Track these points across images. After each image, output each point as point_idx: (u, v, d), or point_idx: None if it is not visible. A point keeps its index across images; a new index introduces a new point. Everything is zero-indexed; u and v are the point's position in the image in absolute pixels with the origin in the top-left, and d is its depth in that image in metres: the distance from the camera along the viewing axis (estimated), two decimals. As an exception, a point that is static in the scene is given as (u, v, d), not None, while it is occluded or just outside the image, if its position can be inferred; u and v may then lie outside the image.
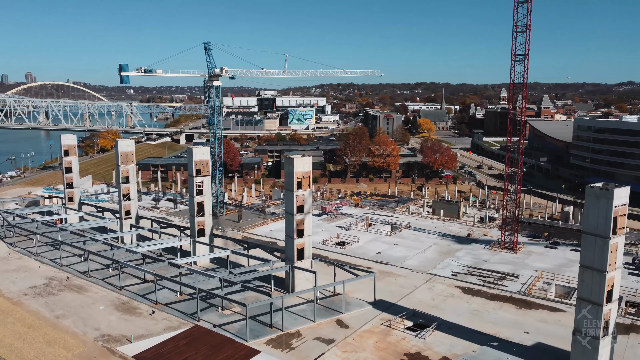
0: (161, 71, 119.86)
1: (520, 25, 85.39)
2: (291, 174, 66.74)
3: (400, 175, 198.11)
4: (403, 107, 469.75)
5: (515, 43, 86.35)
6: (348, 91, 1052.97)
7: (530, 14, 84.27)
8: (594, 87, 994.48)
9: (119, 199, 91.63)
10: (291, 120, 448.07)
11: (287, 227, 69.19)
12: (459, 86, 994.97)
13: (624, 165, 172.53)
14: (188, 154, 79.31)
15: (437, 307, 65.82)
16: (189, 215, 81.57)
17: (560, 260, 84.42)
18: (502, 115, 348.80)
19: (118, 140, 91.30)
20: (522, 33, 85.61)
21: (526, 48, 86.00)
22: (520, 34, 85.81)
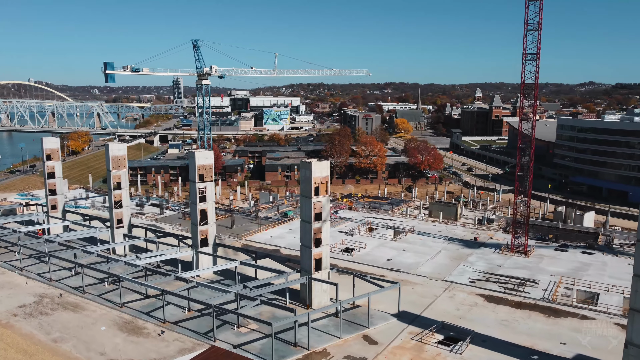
0: (148, 70, 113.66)
1: (531, 24, 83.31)
2: (309, 179, 62.41)
3: (386, 176, 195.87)
4: (378, 107, 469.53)
5: (526, 42, 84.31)
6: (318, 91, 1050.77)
7: (541, 12, 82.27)
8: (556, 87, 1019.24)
9: (110, 206, 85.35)
10: (266, 120, 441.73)
11: (303, 236, 64.84)
12: (427, 86, 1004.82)
13: (607, 165, 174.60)
14: (190, 158, 73.99)
15: (464, 317, 62.70)
16: (191, 224, 76.20)
17: (573, 263, 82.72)
18: (478, 115, 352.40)
19: (109, 144, 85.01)
20: (534, 32, 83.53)
21: (538, 47, 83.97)
22: (531, 32, 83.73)
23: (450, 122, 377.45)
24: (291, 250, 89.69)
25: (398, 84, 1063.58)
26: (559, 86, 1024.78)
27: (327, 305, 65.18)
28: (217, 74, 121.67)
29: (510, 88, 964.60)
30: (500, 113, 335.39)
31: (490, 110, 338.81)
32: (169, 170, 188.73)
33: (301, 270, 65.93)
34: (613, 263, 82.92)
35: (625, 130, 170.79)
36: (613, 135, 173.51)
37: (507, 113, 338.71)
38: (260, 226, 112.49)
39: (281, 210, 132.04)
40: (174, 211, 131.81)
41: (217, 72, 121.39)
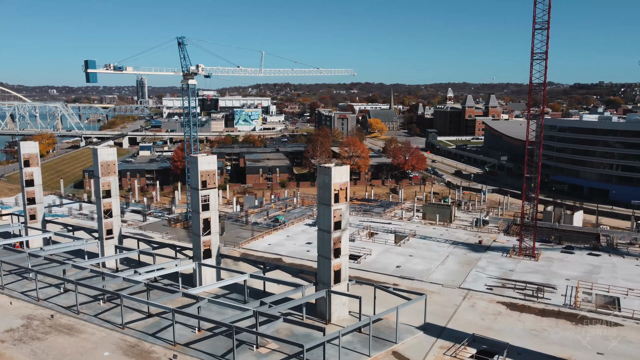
0: (132, 68, 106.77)
1: (539, 22, 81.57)
2: (328, 185, 58.33)
3: (369, 177, 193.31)
4: (350, 107, 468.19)
5: (534, 40, 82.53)
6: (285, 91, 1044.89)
7: (549, 10, 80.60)
8: (517, 87, 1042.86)
9: (99, 216, 78.85)
10: (237, 121, 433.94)
11: (321, 246, 60.71)
12: (393, 86, 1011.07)
13: (587, 163, 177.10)
14: (192, 163, 68.62)
15: (491, 328, 59.91)
16: (192, 234, 70.79)
17: (584, 266, 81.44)
18: (452, 115, 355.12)
19: (97, 148, 78.44)
20: (542, 30, 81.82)
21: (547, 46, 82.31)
22: (539, 31, 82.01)
23: (424, 122, 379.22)
24: (294, 258, 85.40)
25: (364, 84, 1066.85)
26: (519, 86, 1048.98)
27: (345, 319, 61.43)
28: (203, 73, 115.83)
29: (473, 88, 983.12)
30: (473, 113, 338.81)
31: (463, 110, 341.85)
32: (145, 174, 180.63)
33: (318, 283, 61.77)
34: (622, 265, 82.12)
35: (604, 130, 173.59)
36: (592, 134, 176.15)
37: (479, 113, 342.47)
38: (253, 233, 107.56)
39: (270, 215, 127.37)
40: (158, 218, 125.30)
41: (203, 71, 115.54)
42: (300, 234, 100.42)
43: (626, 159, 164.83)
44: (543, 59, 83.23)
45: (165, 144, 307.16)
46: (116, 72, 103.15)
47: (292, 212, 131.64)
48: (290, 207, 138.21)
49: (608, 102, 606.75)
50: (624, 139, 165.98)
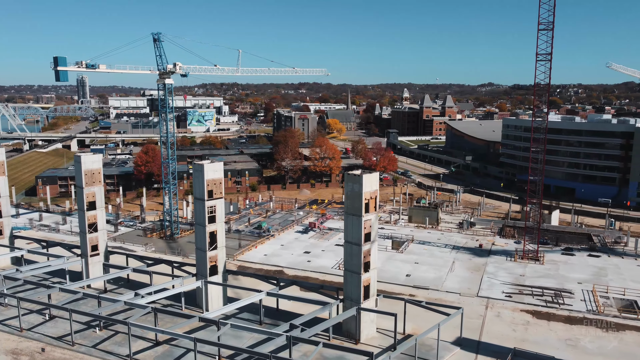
0: (105, 66, 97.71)
1: (544, 23, 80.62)
2: (359, 195, 53.90)
3: (340, 179, 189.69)
4: (305, 108, 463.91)
5: (539, 41, 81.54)
6: (232, 90, 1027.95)
7: (554, 10, 79.77)
8: (459, 87, 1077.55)
9: (82, 230, 70.58)
10: (190, 121, 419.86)
11: (348, 261, 56.14)
12: (340, 86, 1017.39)
13: (553, 163, 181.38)
14: (196, 170, 62.18)
15: (526, 340, 57.56)
16: (196, 249, 64.21)
17: (590, 268, 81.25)
18: (409, 115, 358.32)
19: (81, 155, 70.03)
20: (547, 31, 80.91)
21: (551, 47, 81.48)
22: (544, 32, 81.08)
23: (381, 122, 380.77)
24: (296, 270, 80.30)
25: (312, 84, 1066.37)
26: (461, 87, 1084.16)
27: (374, 337, 57.29)
28: (180, 72, 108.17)
29: (418, 89, 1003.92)
30: (430, 113, 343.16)
31: (421, 111, 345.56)
32: (105, 179, 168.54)
33: (345, 300, 57.16)
34: (625, 266, 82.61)
35: (568, 130, 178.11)
36: (557, 134, 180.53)
37: (436, 113, 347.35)
38: (240, 242, 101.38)
39: (252, 221, 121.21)
40: (130, 227, 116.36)
41: (181, 70, 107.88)
42: (294, 242, 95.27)
43: (590, 158, 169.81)
44: (547, 60, 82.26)
45: (117, 147, 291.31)
46: (89, 70, 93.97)
47: (273, 218, 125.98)
48: (269, 212, 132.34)
49: (551, 103, 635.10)
50: (588, 138, 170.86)
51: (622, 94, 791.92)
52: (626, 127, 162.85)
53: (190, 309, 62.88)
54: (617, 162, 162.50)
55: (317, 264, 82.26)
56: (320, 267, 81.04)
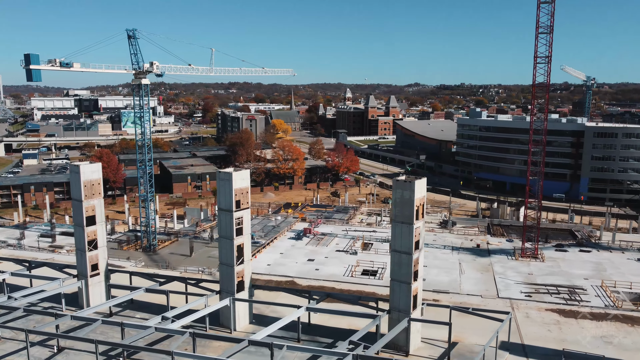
0: (79, 65, 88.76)
1: (543, 26, 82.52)
2: (409, 201, 51.71)
3: (303, 181, 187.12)
4: (246, 108, 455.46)
5: (537, 44, 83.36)
6: (159, 90, 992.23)
7: (553, 15, 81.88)
8: (387, 87, 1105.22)
9: (80, 249, 63.06)
10: (125, 123, 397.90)
11: (396, 270, 53.80)
12: (271, 86, 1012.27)
13: (506, 160, 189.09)
14: (222, 180, 57.18)
15: (564, 339, 58.13)
16: (220, 264, 59.14)
17: (588, 264, 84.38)
18: (355, 115, 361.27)
19: (79, 164, 62.30)
20: (546, 34, 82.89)
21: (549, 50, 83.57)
22: (543, 34, 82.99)
23: (326, 122, 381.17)
24: (308, 280, 76.85)
25: (242, 84, 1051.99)
26: (389, 87, 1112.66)
27: (420, 347, 55.43)
28: (157, 71, 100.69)
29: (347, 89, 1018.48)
30: (375, 113, 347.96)
31: (366, 111, 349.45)
32: (54, 187, 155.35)
33: (392, 311, 54.81)
34: (617, 260, 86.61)
35: (521, 129, 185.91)
36: (508, 133, 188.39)
37: (381, 113, 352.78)
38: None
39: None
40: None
41: (157, 69, 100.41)
42: (293, 250, 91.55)
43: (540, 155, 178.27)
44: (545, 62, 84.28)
45: (50, 151, 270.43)
46: (63, 69, 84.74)
47: (252, 224, 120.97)
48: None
49: (477, 102, 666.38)
50: (541, 137, 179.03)
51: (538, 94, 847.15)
52: (577, 126, 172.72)
53: (215, 329, 57.94)
54: (569, 160, 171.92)
55: (327, 272, 79.34)
56: (330, 275, 78.19)
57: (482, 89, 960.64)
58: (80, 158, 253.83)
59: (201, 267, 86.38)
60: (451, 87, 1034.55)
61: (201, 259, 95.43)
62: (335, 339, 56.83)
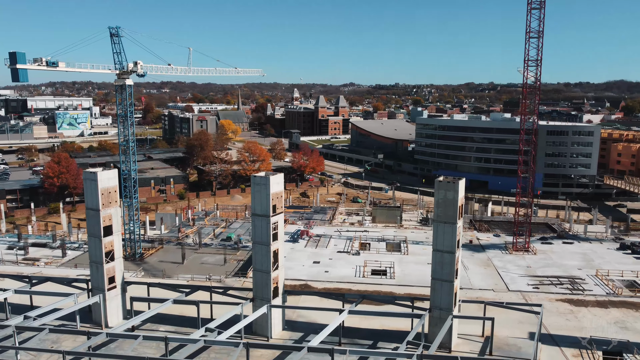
0: (64, 64, 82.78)
1: (533, 30, 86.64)
2: (453, 202, 52.94)
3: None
4: (189, 108, 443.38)
5: (530, 48, 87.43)
6: (87, 90, 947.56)
7: (543, 20, 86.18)
8: (323, 87, 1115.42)
9: (96, 260, 59.12)
10: (60, 125, 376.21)
11: (438, 270, 54.96)
12: (206, 86, 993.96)
13: (463, 158, 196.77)
14: (259, 185, 55.56)
15: (584, 327, 61.65)
16: (254, 271, 57.43)
17: (576, 255, 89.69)
18: (305, 115, 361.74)
19: (96, 171, 58.09)
20: (536, 38, 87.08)
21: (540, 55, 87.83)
22: (534, 38, 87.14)
23: (274, 122, 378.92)
24: (322, 282, 76.34)
25: (175, 83, 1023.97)
26: (325, 86, 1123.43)
27: (458, 343, 56.86)
28: (141, 71, 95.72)
29: (284, 88, 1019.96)
30: (325, 113, 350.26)
31: (316, 111, 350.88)
32: (6, 194, 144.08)
33: (434, 309, 55.79)
34: (599, 250, 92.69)
35: (480, 128, 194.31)
36: (467, 132, 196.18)
37: (331, 113, 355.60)
38: (224, 256, 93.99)
39: (216, 233, 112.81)
40: (79, 251, 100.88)
41: (141, 69, 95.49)
42: (294, 253, 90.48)
43: (499, 153, 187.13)
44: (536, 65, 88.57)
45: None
46: (50, 69, 78.53)
47: (234, 228, 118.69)
48: (228, 222, 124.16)
49: (414, 102, 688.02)
50: (497, 135, 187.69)
51: (467, 94, 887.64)
52: (530, 124, 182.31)
53: (249, 337, 56.31)
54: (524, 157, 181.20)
55: (338, 274, 79.23)
56: (342, 277, 78.18)
57: (415, 88, 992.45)
58: (20, 163, 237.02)
59: (195, 274, 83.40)
60: (386, 87, 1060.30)
61: (194, 266, 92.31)
62: (375, 341, 57.17)
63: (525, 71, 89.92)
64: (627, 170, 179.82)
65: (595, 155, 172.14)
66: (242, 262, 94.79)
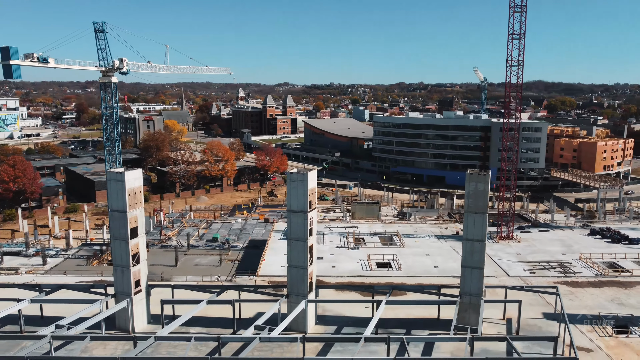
0: (54, 61, 78.06)
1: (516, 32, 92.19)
2: (484, 193, 56.10)
3: (231, 182, 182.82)
4: (127, 108, 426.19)
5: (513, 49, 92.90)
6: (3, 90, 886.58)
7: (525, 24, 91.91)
8: (257, 87, 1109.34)
9: (121, 264, 56.91)
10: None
11: (468, 258, 57.98)
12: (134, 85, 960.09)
13: (420, 154, 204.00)
14: (294, 181, 55.92)
15: (587, 305, 67.04)
16: (289, 267, 57.43)
17: (555, 242, 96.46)
18: (253, 114, 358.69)
19: (123, 171, 55.66)
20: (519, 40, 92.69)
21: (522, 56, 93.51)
22: (516, 39, 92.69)
23: (221, 122, 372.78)
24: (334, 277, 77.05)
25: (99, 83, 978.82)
26: (259, 86, 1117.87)
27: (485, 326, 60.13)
28: (127, 68, 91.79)
29: (217, 87, 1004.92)
30: (274, 112, 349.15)
31: (264, 110, 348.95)
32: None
33: (464, 295, 58.67)
34: (574, 236, 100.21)
35: (436, 125, 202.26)
36: (423, 129, 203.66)
37: (279, 112, 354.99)
38: (220, 257, 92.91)
39: (200, 234, 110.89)
40: (59, 258, 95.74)
41: (127, 67, 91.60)
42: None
43: (455, 149, 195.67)
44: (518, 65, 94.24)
45: None
46: (41, 65, 73.60)
47: (214, 229, 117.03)
48: (208, 223, 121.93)
49: (353, 101, 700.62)
50: (453, 132, 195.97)
51: (400, 93, 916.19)
52: (484, 122, 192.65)
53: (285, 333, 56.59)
54: (478, 152, 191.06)
55: (346, 269, 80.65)
56: (352, 271, 79.73)
57: (350, 88, 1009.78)
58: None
59: (190, 276, 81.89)
60: (322, 86, 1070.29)
61: (187, 268, 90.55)
62: (407, 329, 59.16)
63: (509, 70, 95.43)
64: (570, 163, 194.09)
65: (543, 149, 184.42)
66: (237, 262, 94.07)
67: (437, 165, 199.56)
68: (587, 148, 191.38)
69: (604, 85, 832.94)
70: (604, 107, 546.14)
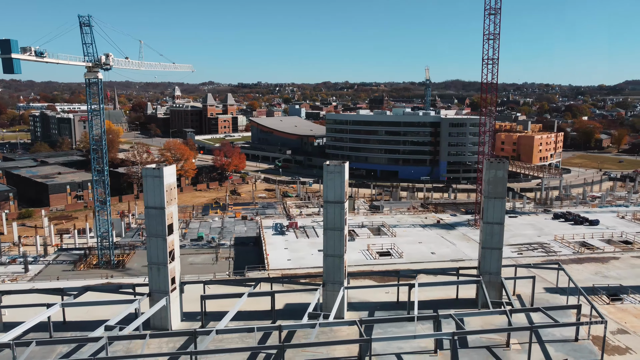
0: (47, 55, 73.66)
1: (491, 33, 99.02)
2: (503, 180, 60.99)
3: (189, 182, 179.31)
4: (51, 108, 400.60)
5: (487, 48, 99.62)
6: None
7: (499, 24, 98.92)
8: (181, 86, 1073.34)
9: (157, 261, 55.89)
10: None
11: (488, 240, 62.39)
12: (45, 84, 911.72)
13: (372, 150, 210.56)
14: (330, 172, 57.58)
15: (578, 279, 72.40)
16: (325, 256, 59.07)
17: (528, 226, 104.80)
18: (192, 113, 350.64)
19: (162, 167, 54.12)
20: (493, 40, 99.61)
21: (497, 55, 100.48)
22: (490, 40, 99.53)
23: (157, 122, 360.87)
24: (342, 267, 79.53)
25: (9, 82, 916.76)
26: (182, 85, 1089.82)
27: (499, 303, 65.33)
28: (112, 64, 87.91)
29: (137, 87, 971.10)
30: (214, 111, 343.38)
31: (204, 109, 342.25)
32: None
33: (483, 274, 63.32)
34: (541, 220, 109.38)
35: (388, 122, 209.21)
36: (374, 126, 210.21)
37: (219, 111, 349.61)
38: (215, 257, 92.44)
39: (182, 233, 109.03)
40: (40, 264, 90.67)
41: (113, 63, 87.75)
42: (294, 244, 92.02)
43: (406, 144, 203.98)
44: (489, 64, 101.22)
45: None
46: (38, 60, 68.98)
47: (194, 227, 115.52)
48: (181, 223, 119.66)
49: (285, 100, 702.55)
50: (405, 128, 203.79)
51: (327, 92, 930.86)
52: (434, 118, 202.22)
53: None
54: (428, 147, 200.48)
55: (350, 259, 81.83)
56: (357, 260, 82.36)
57: (278, 87, 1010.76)
58: None
59: (187, 274, 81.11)
60: (249, 85, 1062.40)
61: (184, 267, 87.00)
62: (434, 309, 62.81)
63: (486, 69, 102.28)
64: (510, 155, 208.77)
65: (488, 143, 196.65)
66: (232, 259, 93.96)
67: (390, 161, 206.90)
68: (525, 141, 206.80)
69: (515, 84, 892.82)
70: (520, 104, 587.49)
